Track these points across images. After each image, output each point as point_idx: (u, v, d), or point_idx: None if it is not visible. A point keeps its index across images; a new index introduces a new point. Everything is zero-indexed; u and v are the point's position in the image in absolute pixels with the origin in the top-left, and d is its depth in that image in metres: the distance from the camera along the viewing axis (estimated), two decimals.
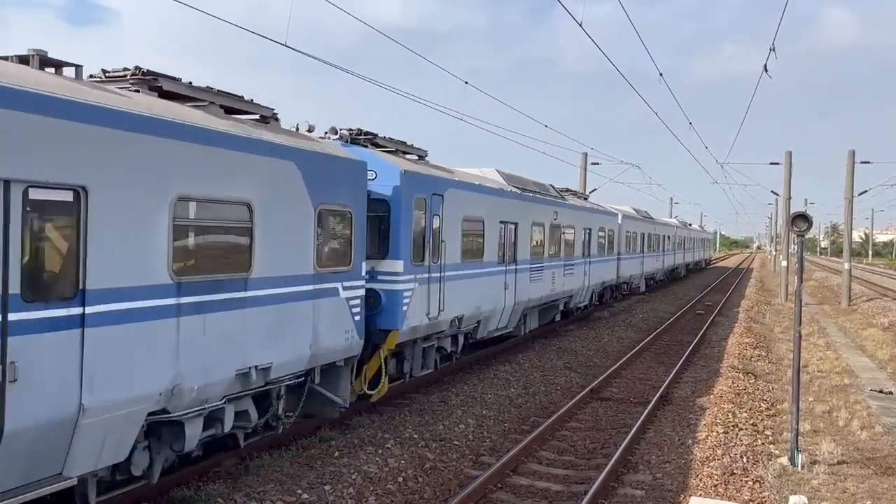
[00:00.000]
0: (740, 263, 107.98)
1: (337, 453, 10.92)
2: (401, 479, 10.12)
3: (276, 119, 10.33)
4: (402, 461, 10.75)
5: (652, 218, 44.67)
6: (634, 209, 41.01)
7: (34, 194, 6.33)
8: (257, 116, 10.03)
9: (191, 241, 8.23)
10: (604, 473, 10.24)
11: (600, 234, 29.43)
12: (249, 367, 8.94)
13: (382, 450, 11.13)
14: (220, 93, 9.33)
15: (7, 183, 6.10)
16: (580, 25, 14.50)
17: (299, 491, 9.29)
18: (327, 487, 9.46)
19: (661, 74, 21.65)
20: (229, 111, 9.51)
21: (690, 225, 70.61)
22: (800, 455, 11.01)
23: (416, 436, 12.02)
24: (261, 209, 9.05)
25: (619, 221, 33.49)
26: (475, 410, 13.91)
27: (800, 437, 11.33)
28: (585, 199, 31.58)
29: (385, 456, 10.86)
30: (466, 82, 20.01)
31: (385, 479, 10.05)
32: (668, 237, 49.84)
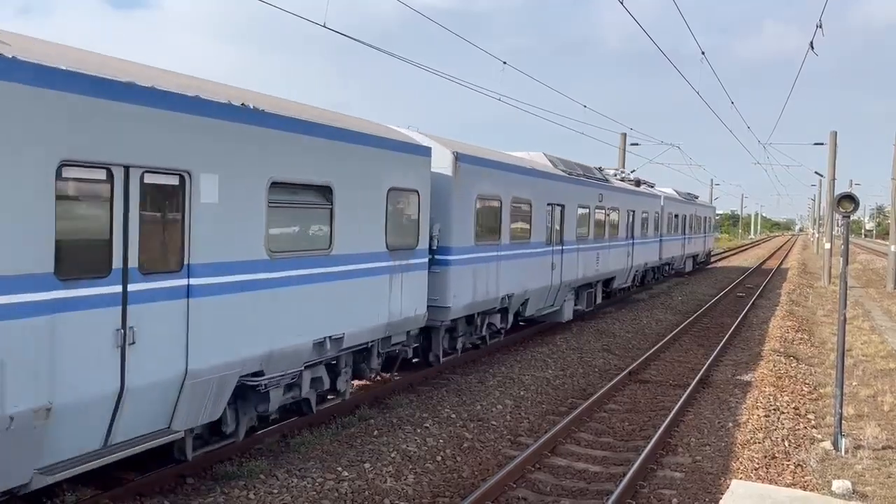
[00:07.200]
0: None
1: (376, 432, 11.04)
2: (439, 458, 10.19)
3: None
4: (441, 440, 10.82)
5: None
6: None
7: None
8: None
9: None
10: (643, 455, 10.21)
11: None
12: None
13: (421, 429, 11.22)
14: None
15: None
16: (622, 3, 14.29)
17: (339, 468, 9.41)
18: (367, 465, 9.57)
19: (703, 53, 21.30)
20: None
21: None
22: (843, 439, 10.85)
23: (454, 415, 12.09)
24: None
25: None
26: (513, 391, 13.93)
27: (843, 422, 11.17)
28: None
29: (423, 435, 10.94)
30: (505, 62, 19.90)
31: (424, 457, 10.13)
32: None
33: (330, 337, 10.31)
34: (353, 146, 10.76)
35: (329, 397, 11.68)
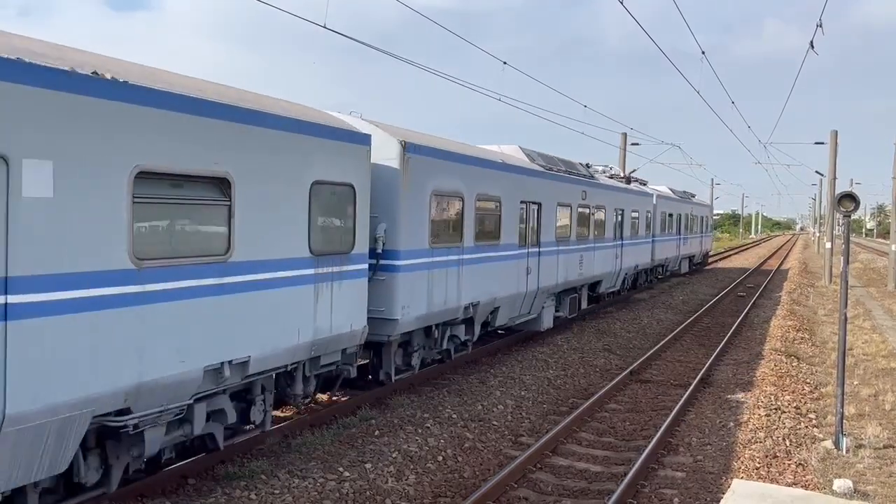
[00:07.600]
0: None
1: (377, 432, 11.04)
2: (440, 459, 10.20)
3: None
4: (442, 440, 10.83)
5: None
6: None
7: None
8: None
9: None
10: (644, 455, 10.21)
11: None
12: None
13: (422, 429, 11.22)
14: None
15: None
16: (621, 3, 14.30)
17: (340, 469, 9.42)
18: (368, 465, 9.58)
19: (703, 53, 21.33)
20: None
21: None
22: (844, 438, 10.85)
23: (455, 416, 12.09)
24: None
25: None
26: (514, 391, 13.94)
27: (845, 421, 11.17)
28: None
29: (425, 435, 10.95)
30: (505, 62, 19.92)
31: (425, 458, 10.14)
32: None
33: (230, 362, 8.34)
34: (261, 129, 8.77)
35: (248, 427, 9.83)
